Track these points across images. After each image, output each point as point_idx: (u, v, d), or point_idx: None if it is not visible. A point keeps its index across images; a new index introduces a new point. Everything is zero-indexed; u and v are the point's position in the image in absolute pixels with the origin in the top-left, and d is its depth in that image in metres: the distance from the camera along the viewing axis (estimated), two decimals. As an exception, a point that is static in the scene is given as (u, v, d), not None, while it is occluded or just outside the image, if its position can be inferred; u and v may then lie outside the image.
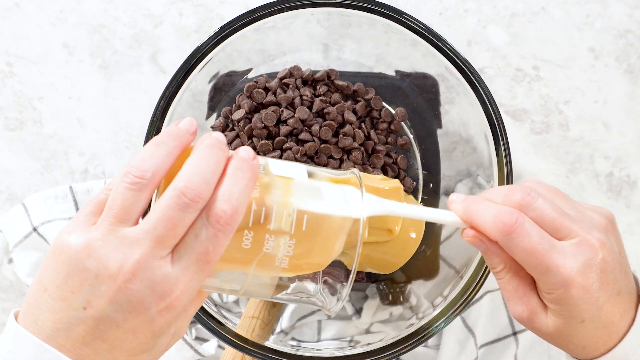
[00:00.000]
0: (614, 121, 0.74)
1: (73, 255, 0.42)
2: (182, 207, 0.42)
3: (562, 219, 0.47)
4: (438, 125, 0.70)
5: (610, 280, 0.47)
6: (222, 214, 0.42)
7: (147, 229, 0.42)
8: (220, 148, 0.45)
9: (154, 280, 0.42)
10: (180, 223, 0.42)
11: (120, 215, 0.42)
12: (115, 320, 0.42)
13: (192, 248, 0.42)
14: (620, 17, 0.75)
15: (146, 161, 0.43)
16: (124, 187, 0.42)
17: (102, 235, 0.42)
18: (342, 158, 0.68)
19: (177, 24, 0.75)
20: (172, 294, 0.42)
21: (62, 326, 0.42)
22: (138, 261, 0.41)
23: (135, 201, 0.43)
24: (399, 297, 0.68)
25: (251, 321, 0.64)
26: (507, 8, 0.75)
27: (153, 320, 0.42)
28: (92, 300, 0.42)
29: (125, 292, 0.41)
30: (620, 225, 0.74)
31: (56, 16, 0.75)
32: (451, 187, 0.69)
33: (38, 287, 0.43)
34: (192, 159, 0.44)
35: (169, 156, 0.44)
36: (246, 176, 0.44)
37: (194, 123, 0.47)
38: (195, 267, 0.42)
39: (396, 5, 0.70)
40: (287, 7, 0.62)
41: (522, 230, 0.46)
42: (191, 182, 0.42)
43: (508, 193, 0.48)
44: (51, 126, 0.74)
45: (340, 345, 0.67)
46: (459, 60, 0.62)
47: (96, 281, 0.41)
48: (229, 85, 0.69)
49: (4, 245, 0.72)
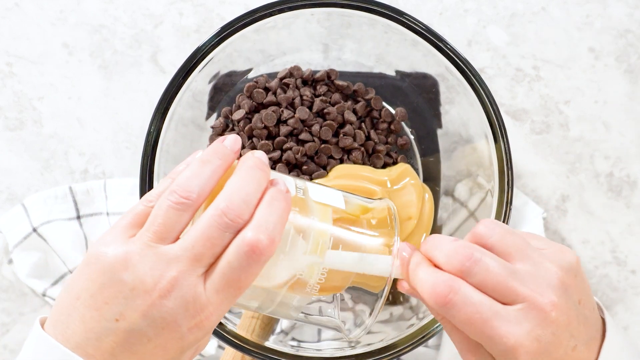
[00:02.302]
0: (614, 121, 0.74)
1: (109, 266, 0.42)
2: (223, 227, 0.42)
3: (508, 282, 0.43)
4: (438, 125, 0.70)
5: (563, 339, 0.44)
6: (258, 243, 0.42)
7: (185, 247, 0.42)
8: (262, 169, 0.45)
9: (187, 299, 0.42)
10: (219, 243, 0.42)
11: (161, 233, 0.43)
12: (147, 334, 0.42)
13: (224, 274, 0.42)
14: (620, 17, 0.75)
15: (192, 181, 0.43)
16: (168, 205, 0.43)
17: (141, 250, 0.42)
18: (342, 158, 0.68)
19: (177, 24, 0.75)
20: (202, 313, 0.42)
21: (93, 336, 0.42)
22: (175, 278, 0.42)
23: (178, 220, 0.43)
24: (399, 297, 0.68)
25: (251, 321, 0.64)
26: (507, 8, 0.75)
27: (183, 337, 0.43)
28: (125, 312, 0.42)
29: (159, 308, 0.42)
30: (620, 225, 0.74)
31: (56, 16, 0.75)
32: (451, 187, 0.69)
33: (70, 295, 0.43)
34: (235, 180, 0.44)
35: (213, 176, 0.44)
36: (282, 206, 0.44)
37: (239, 141, 0.47)
38: (226, 293, 0.43)
39: (396, 5, 0.70)
40: (288, 7, 0.62)
41: (458, 300, 0.43)
42: (232, 202, 0.42)
43: (450, 255, 0.44)
44: (51, 126, 0.74)
45: (340, 345, 0.67)
46: (459, 60, 0.62)
47: (131, 294, 0.42)
48: (229, 85, 0.69)
49: (4, 246, 0.72)
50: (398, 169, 0.68)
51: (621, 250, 0.74)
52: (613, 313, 0.74)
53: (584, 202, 0.74)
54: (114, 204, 0.72)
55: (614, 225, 0.74)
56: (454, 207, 0.69)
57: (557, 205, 0.74)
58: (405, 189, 0.67)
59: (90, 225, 0.72)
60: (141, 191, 0.61)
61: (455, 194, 0.69)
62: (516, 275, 0.44)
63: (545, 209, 0.74)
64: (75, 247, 0.70)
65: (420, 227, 0.66)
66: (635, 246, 0.74)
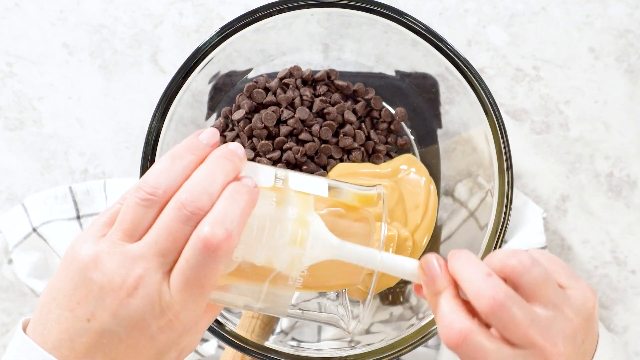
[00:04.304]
0: (614, 121, 0.74)
1: (82, 266, 0.42)
2: (183, 219, 0.41)
3: (527, 331, 0.42)
4: (438, 125, 0.70)
5: None
6: (212, 238, 0.40)
7: (148, 242, 0.41)
8: (230, 160, 0.43)
9: (152, 297, 0.41)
10: (182, 236, 0.41)
11: (128, 230, 0.42)
12: (118, 334, 0.41)
13: (183, 272, 0.41)
14: (620, 17, 0.75)
15: (159, 177, 0.42)
16: (135, 202, 0.42)
17: (109, 248, 0.42)
18: (342, 158, 0.68)
19: (177, 24, 0.75)
20: (169, 312, 0.42)
21: (67, 337, 0.42)
22: (141, 276, 0.41)
23: (144, 217, 0.42)
24: (399, 297, 0.68)
25: (251, 321, 0.64)
26: (507, 8, 0.75)
27: (154, 337, 0.42)
28: (96, 312, 0.41)
29: (127, 307, 0.41)
30: (620, 225, 0.74)
31: (56, 16, 0.75)
32: (451, 187, 0.69)
33: (47, 296, 0.43)
34: (199, 170, 0.43)
35: (184, 171, 0.43)
36: (244, 199, 0.42)
37: (216, 135, 0.45)
38: (189, 291, 0.41)
39: (396, 5, 0.70)
40: (288, 7, 0.62)
41: (468, 347, 0.42)
42: (192, 194, 0.41)
43: (481, 293, 0.42)
44: (51, 126, 0.74)
45: (340, 345, 0.67)
46: (459, 60, 0.62)
47: (101, 294, 0.41)
48: (229, 85, 0.69)
49: (4, 246, 0.72)
50: (399, 160, 0.68)
51: (621, 250, 0.74)
52: (613, 313, 0.74)
53: (584, 202, 0.74)
54: (114, 204, 0.72)
55: (614, 225, 0.74)
56: (454, 207, 0.69)
57: (557, 205, 0.74)
58: (410, 178, 0.67)
59: (90, 225, 0.72)
60: (141, 191, 0.61)
61: (455, 194, 0.69)
62: (535, 323, 0.43)
63: (545, 209, 0.74)
64: (75, 247, 0.70)
65: (426, 217, 0.67)
66: (635, 246, 0.74)
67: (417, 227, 0.66)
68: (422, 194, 0.66)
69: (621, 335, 0.73)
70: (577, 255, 0.74)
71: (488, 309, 0.42)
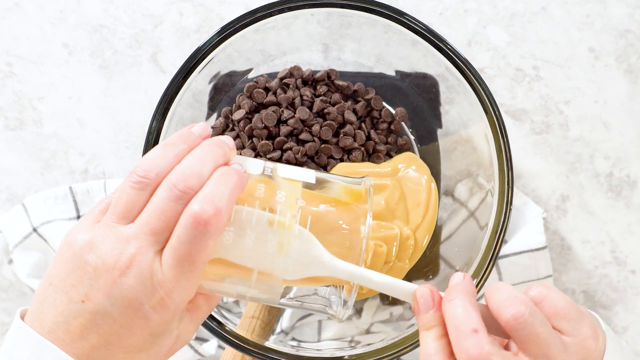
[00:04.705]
0: (614, 121, 0.75)
1: (77, 250, 0.43)
2: (174, 199, 0.42)
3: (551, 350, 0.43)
4: (438, 125, 0.70)
5: None
6: (203, 214, 0.42)
7: (142, 224, 0.43)
8: (220, 147, 0.45)
9: (145, 276, 0.42)
10: (173, 215, 0.42)
11: (122, 213, 0.43)
12: (111, 314, 0.42)
13: (174, 249, 0.42)
14: (620, 17, 0.75)
15: (152, 162, 0.44)
16: (128, 185, 0.43)
17: (104, 231, 0.43)
18: (343, 158, 0.68)
19: (177, 24, 0.75)
20: (161, 290, 0.43)
21: (62, 319, 0.43)
22: (133, 255, 0.42)
23: (137, 199, 0.43)
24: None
25: (251, 321, 0.64)
26: (507, 8, 0.75)
27: (147, 317, 0.43)
28: (90, 293, 0.42)
29: (120, 286, 0.42)
30: (620, 225, 0.74)
31: (56, 16, 0.75)
32: (451, 187, 0.69)
33: (45, 282, 0.44)
34: (190, 154, 0.44)
35: (175, 158, 0.44)
36: (232, 180, 0.44)
37: (208, 129, 0.47)
38: (181, 268, 0.43)
39: (396, 5, 0.70)
40: (288, 7, 0.62)
41: None
42: (183, 174, 0.43)
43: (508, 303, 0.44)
44: (51, 126, 0.74)
45: (340, 345, 0.67)
46: (459, 60, 0.62)
47: (95, 275, 0.42)
48: (229, 85, 0.69)
49: (4, 246, 0.72)
50: (399, 158, 0.68)
51: (621, 250, 0.74)
52: (613, 313, 0.74)
53: (584, 202, 0.74)
54: (114, 204, 0.72)
55: (614, 225, 0.74)
56: (454, 207, 0.69)
57: (557, 205, 0.74)
58: (411, 176, 0.67)
59: (90, 225, 0.72)
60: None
61: (455, 194, 0.69)
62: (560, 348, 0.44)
63: (545, 209, 0.74)
64: (75, 247, 0.70)
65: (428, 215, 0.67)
66: (635, 246, 0.74)
67: (419, 225, 0.66)
68: (424, 192, 0.67)
69: (621, 335, 0.74)
70: (577, 255, 0.74)
71: (513, 318, 0.43)
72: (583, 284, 0.74)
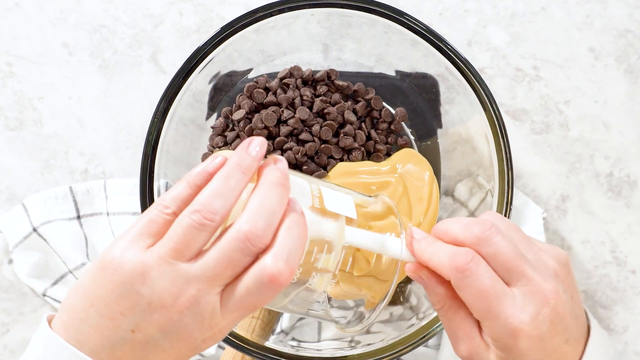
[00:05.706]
0: (614, 121, 0.75)
1: (127, 277, 0.42)
2: (246, 252, 0.42)
3: (518, 261, 0.45)
4: (438, 125, 0.70)
5: (559, 330, 0.46)
6: (279, 275, 0.42)
7: (206, 267, 0.42)
8: (284, 185, 0.45)
9: (204, 316, 0.42)
10: (240, 265, 0.43)
11: (180, 250, 0.42)
12: (162, 346, 0.43)
13: (241, 298, 0.43)
14: (620, 17, 0.75)
15: (215, 200, 0.43)
16: (190, 224, 0.42)
17: (159, 265, 0.42)
18: (343, 158, 0.68)
19: (177, 24, 0.75)
20: (216, 327, 0.43)
21: (108, 344, 0.43)
22: (194, 296, 0.42)
23: (198, 239, 0.43)
24: (399, 297, 0.68)
25: (251, 321, 0.64)
26: (507, 8, 0.75)
27: (197, 347, 0.44)
28: (142, 325, 0.42)
29: (176, 323, 0.42)
30: (620, 225, 0.74)
31: (56, 16, 0.75)
32: (451, 187, 0.69)
33: (83, 300, 0.43)
34: (257, 199, 0.43)
35: (235, 192, 0.44)
36: (302, 234, 0.44)
37: (264, 146, 0.46)
38: (241, 312, 0.43)
39: (396, 5, 0.70)
40: (288, 7, 0.62)
41: (477, 270, 0.44)
42: (255, 227, 0.42)
43: (468, 224, 0.46)
44: (51, 126, 0.74)
45: (340, 345, 0.67)
46: (459, 60, 0.62)
47: (149, 308, 0.42)
48: (229, 85, 0.69)
49: (4, 246, 0.72)
50: (398, 155, 0.68)
51: (621, 250, 0.74)
52: (613, 313, 0.74)
53: (584, 202, 0.74)
54: (114, 204, 0.72)
55: (614, 225, 0.74)
56: (454, 207, 0.69)
57: (557, 205, 0.74)
58: (413, 171, 0.67)
59: (90, 226, 0.72)
60: (141, 191, 0.61)
61: (455, 194, 0.69)
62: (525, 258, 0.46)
63: (545, 209, 0.74)
64: (75, 247, 0.70)
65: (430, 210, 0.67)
66: (635, 246, 0.74)
67: (421, 221, 0.66)
68: (426, 187, 0.66)
69: (621, 335, 0.74)
70: (577, 255, 0.74)
71: (479, 233, 0.45)
72: (583, 284, 0.74)
